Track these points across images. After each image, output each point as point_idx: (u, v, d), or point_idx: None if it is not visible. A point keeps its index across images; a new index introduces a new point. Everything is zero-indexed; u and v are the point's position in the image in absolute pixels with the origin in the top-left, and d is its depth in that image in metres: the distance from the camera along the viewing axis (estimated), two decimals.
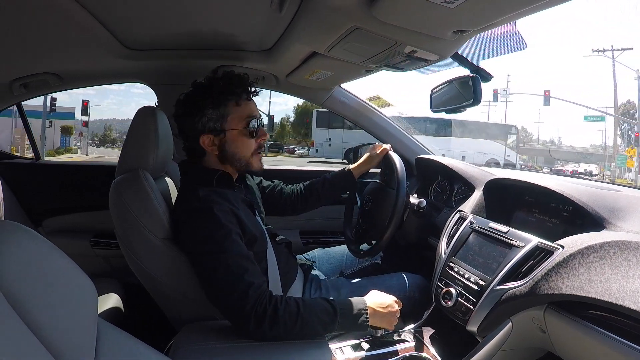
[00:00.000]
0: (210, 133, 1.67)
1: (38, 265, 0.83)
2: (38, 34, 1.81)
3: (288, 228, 2.76)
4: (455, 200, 2.37)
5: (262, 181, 2.22)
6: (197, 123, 1.65)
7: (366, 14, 1.34)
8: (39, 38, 1.88)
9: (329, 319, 1.52)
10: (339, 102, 2.80)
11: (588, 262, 1.28)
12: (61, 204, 2.94)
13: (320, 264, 2.30)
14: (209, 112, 1.65)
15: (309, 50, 1.93)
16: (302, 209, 2.29)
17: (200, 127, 1.66)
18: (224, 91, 1.67)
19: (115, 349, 0.98)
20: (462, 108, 1.93)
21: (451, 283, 1.77)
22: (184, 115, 1.69)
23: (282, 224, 2.25)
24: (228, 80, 1.69)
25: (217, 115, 1.66)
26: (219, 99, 1.66)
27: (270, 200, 2.19)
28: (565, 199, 1.55)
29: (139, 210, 1.59)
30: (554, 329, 1.36)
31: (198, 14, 1.79)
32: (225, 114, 1.67)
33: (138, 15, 1.79)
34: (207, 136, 1.67)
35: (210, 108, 1.65)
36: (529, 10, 1.19)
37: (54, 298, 0.83)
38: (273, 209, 2.19)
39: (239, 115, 1.69)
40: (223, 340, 1.51)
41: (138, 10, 1.73)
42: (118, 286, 2.42)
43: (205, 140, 1.68)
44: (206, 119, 1.65)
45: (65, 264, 0.91)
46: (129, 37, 2.05)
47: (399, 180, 2.01)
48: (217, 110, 1.66)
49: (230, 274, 1.47)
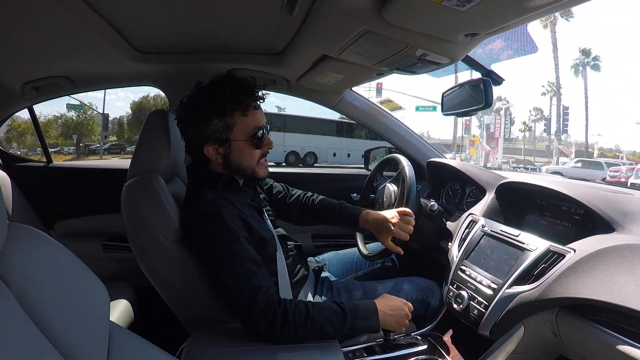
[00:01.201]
0: (215, 143, 1.64)
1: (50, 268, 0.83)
2: (50, 37, 1.82)
3: (300, 231, 2.75)
4: (467, 203, 2.37)
5: (272, 185, 2.19)
6: (202, 132, 1.62)
7: (377, 17, 1.34)
8: (51, 41, 1.89)
9: (338, 320, 1.51)
10: (350, 105, 2.79)
11: (600, 266, 1.28)
12: (73, 207, 2.94)
13: (331, 266, 2.29)
14: (215, 122, 1.61)
15: (320, 53, 1.92)
16: (307, 224, 2.20)
17: (205, 136, 1.62)
18: (230, 100, 1.62)
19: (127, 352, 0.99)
20: (473, 111, 1.93)
21: (463, 286, 1.77)
22: (188, 122, 1.65)
23: (293, 227, 2.24)
24: (235, 88, 1.64)
25: (223, 126, 1.62)
26: (225, 108, 1.62)
27: (279, 207, 2.15)
28: (577, 202, 1.54)
29: (151, 212, 1.59)
30: (566, 332, 1.36)
31: (209, 17, 1.79)
32: (231, 124, 1.63)
33: (149, 19, 1.79)
34: (212, 146, 1.65)
35: (216, 118, 1.61)
36: (540, 14, 1.18)
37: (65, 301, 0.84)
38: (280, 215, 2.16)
39: (245, 126, 1.65)
40: (235, 343, 1.51)
41: (149, 14, 1.73)
42: (130, 289, 2.43)
43: (209, 150, 1.65)
44: (212, 129, 1.61)
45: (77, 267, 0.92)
46: (140, 40, 2.05)
47: (409, 185, 2.00)
48: (223, 120, 1.62)
49: (239, 278, 1.47)
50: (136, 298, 2.38)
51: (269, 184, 2.16)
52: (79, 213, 2.94)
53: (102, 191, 2.72)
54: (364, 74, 2.14)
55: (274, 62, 2.30)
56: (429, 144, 2.92)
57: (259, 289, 1.46)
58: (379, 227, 1.92)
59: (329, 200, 2.13)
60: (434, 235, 2.24)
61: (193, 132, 1.64)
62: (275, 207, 2.12)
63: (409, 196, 1.97)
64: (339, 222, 2.08)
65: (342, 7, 1.37)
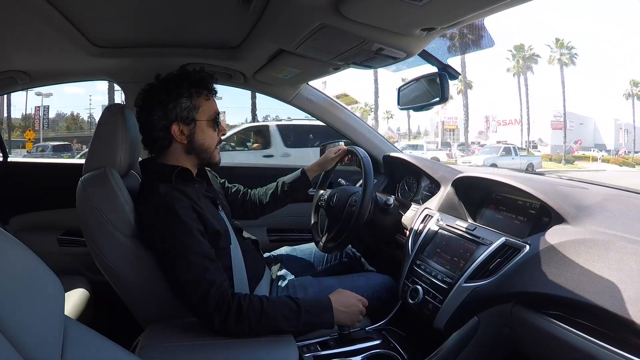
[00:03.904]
0: (181, 122, 1.68)
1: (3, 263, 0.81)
2: (6, 31, 1.81)
3: (255, 226, 2.75)
4: (422, 197, 2.39)
5: (225, 182, 2.23)
6: (170, 111, 1.66)
7: (334, 12, 1.34)
8: (7, 35, 1.88)
9: (292, 315, 1.52)
10: (307, 100, 2.80)
11: (555, 260, 1.30)
12: (29, 202, 2.92)
13: (288, 262, 2.29)
14: (184, 101, 1.66)
15: (277, 47, 1.93)
16: (261, 213, 2.32)
17: (172, 115, 1.66)
18: (198, 84, 1.70)
19: (82, 346, 0.96)
20: (429, 106, 1.94)
21: (418, 281, 1.78)
22: (155, 103, 1.67)
23: (248, 221, 2.24)
24: (200, 75, 1.72)
25: (191, 105, 1.68)
26: (192, 90, 1.69)
27: (234, 203, 2.19)
28: (533, 196, 1.56)
29: (106, 207, 1.56)
30: (520, 327, 1.38)
31: (166, 11, 1.79)
32: (197, 105, 1.69)
33: (106, 12, 1.79)
34: (178, 125, 1.68)
35: (184, 97, 1.66)
36: (495, 9, 1.19)
37: (19, 295, 0.81)
38: (234, 212, 2.18)
39: (208, 108, 1.72)
40: (189, 337, 1.50)
41: (106, 7, 1.73)
42: (86, 284, 2.42)
43: (175, 129, 1.67)
44: (180, 107, 1.66)
45: (31, 261, 0.89)
46: (97, 34, 2.05)
47: (366, 173, 2.01)
48: (191, 100, 1.68)
49: (192, 272, 1.47)
50: (91, 292, 2.37)
51: (222, 181, 2.20)
52: (34, 208, 2.92)
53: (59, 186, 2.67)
54: (321, 69, 2.15)
55: (231, 57, 2.31)
56: (385, 139, 2.93)
57: (212, 284, 1.46)
58: (323, 164, 2.30)
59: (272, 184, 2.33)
60: (389, 229, 2.26)
61: (161, 112, 1.66)
62: (232, 205, 2.14)
63: (366, 187, 1.98)
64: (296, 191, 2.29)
65: (298, 2, 1.37)
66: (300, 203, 2.80)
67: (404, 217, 2.26)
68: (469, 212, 1.89)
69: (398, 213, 2.28)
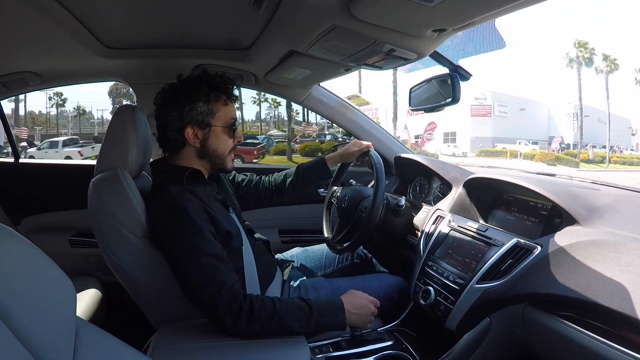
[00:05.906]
0: (196, 125, 1.68)
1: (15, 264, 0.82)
2: (17, 32, 1.81)
3: (266, 227, 2.76)
4: (434, 198, 2.38)
5: (235, 176, 2.22)
6: (186, 114, 1.66)
7: (345, 13, 1.34)
8: (19, 37, 1.89)
9: (305, 317, 1.52)
10: (318, 101, 2.80)
11: (566, 261, 1.29)
12: (40, 203, 2.94)
13: (299, 263, 2.30)
14: (200, 105, 1.66)
15: (288, 49, 1.93)
16: (279, 199, 2.30)
17: (188, 118, 1.66)
18: (217, 88, 1.70)
19: (93, 347, 0.97)
20: (440, 107, 1.93)
21: (430, 282, 1.77)
22: (172, 104, 1.68)
23: (260, 223, 2.25)
24: (221, 79, 1.71)
25: (207, 110, 1.68)
26: (210, 95, 1.69)
27: (246, 194, 2.20)
28: (545, 197, 1.56)
29: (117, 209, 1.57)
30: (532, 328, 1.37)
31: (177, 13, 1.79)
32: (214, 110, 1.69)
33: (117, 14, 1.80)
34: (192, 129, 1.68)
35: (202, 101, 1.67)
36: (507, 9, 1.19)
37: (31, 296, 0.82)
38: (249, 202, 2.20)
39: (225, 114, 1.72)
40: (201, 338, 1.50)
41: (117, 9, 1.74)
42: (97, 285, 2.43)
43: (189, 132, 1.68)
44: (196, 111, 1.66)
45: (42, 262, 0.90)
46: (108, 35, 2.05)
47: (378, 180, 2.00)
48: (208, 104, 1.68)
49: (203, 273, 1.47)
50: (103, 293, 2.38)
51: (231, 176, 2.19)
52: (46, 209, 2.94)
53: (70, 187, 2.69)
54: (332, 70, 2.15)
55: (242, 58, 2.32)
56: (397, 140, 2.93)
57: (223, 284, 1.46)
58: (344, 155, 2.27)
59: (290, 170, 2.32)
60: (401, 230, 2.25)
61: (177, 113, 1.67)
62: (244, 196, 2.17)
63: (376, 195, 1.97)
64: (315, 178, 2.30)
65: (309, 3, 1.37)
66: (311, 204, 2.81)
67: (415, 218, 2.25)
68: (480, 213, 1.89)
69: (410, 214, 2.27)
